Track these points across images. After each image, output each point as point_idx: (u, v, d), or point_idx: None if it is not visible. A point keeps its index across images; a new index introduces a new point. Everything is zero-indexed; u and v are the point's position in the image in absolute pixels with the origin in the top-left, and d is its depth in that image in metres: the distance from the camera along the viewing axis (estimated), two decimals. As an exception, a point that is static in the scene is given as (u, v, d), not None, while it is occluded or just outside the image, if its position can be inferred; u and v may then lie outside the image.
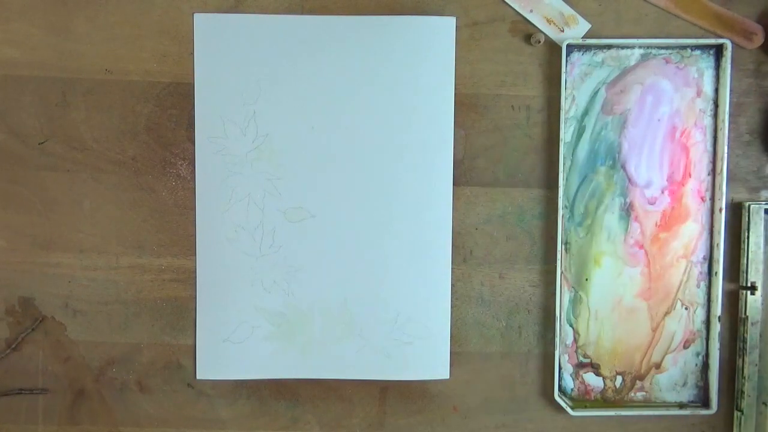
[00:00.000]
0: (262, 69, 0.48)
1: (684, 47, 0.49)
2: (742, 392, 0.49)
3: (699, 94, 0.49)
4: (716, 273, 0.49)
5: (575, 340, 0.50)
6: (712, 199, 0.50)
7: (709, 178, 0.50)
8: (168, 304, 0.50)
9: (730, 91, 0.49)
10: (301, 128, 0.49)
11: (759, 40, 0.49)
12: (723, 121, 0.49)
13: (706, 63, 0.49)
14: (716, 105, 0.49)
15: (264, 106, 0.49)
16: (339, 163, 0.49)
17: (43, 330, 0.50)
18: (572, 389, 0.51)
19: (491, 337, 0.51)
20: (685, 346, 0.50)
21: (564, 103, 0.49)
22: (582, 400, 0.51)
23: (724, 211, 0.49)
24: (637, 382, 0.51)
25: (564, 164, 0.49)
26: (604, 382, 0.51)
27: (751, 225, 0.49)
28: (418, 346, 0.50)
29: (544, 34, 0.49)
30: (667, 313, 0.50)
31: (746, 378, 0.49)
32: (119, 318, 0.50)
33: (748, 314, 0.49)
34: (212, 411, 0.51)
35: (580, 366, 0.51)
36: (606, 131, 0.50)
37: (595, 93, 0.49)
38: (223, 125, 0.49)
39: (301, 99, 0.49)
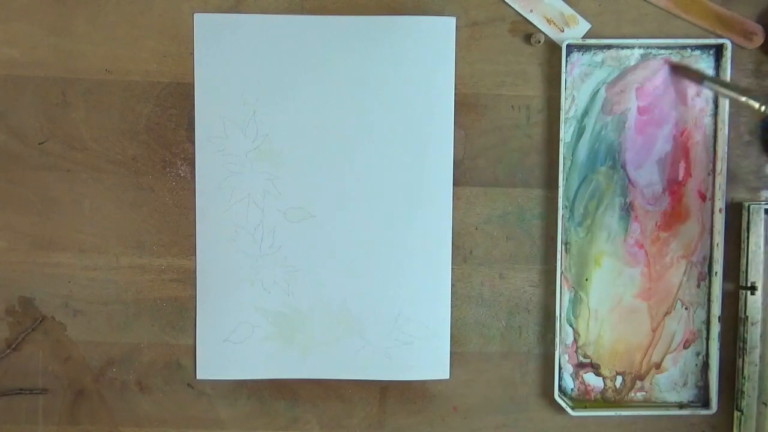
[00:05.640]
0: (262, 69, 0.48)
1: (684, 47, 0.49)
2: (742, 392, 0.49)
3: (699, 94, 0.49)
4: (716, 273, 0.49)
5: (575, 340, 0.50)
6: (712, 199, 0.50)
7: (709, 178, 0.50)
8: (168, 304, 0.50)
9: (730, 91, 0.49)
10: (301, 128, 0.49)
11: (759, 40, 0.49)
12: (723, 121, 0.49)
13: (706, 63, 0.49)
14: (716, 105, 0.49)
15: (264, 106, 0.49)
16: (339, 163, 0.49)
17: (43, 330, 0.50)
18: (572, 389, 0.51)
19: (491, 337, 0.51)
20: (685, 346, 0.50)
21: (564, 103, 0.49)
22: (582, 400, 0.51)
23: (724, 211, 0.49)
24: (637, 382, 0.51)
25: (564, 164, 0.49)
26: (604, 382, 0.51)
27: (751, 225, 0.49)
28: (418, 346, 0.50)
29: (544, 34, 0.49)
30: (667, 313, 0.50)
31: (746, 378, 0.49)
32: (119, 318, 0.50)
33: (748, 314, 0.49)
34: (212, 411, 0.51)
35: (580, 366, 0.51)
36: (606, 131, 0.50)
37: (595, 93, 0.49)
38: (223, 125, 0.49)
39: (301, 99, 0.49)
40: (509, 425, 0.51)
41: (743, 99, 0.41)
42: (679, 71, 0.48)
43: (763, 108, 0.40)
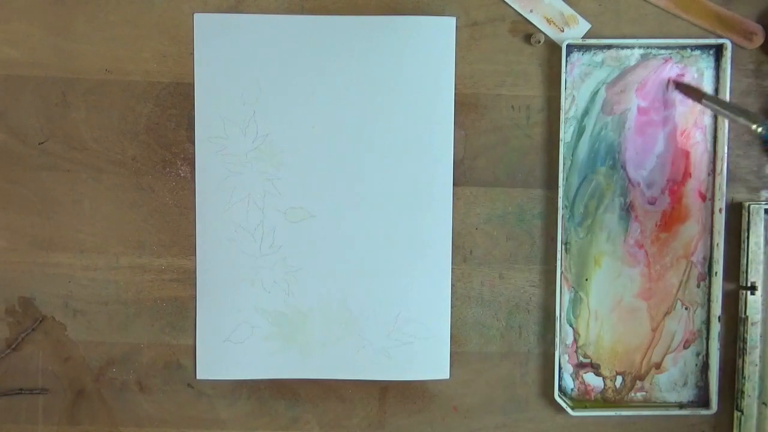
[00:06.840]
0: (262, 69, 0.48)
1: (684, 47, 0.49)
2: (742, 392, 0.49)
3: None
4: (716, 273, 0.49)
5: (575, 340, 0.50)
6: (712, 199, 0.50)
7: (709, 178, 0.50)
8: (168, 304, 0.50)
9: (730, 91, 0.48)
10: (301, 128, 0.49)
11: (759, 40, 0.49)
12: (723, 121, 0.49)
13: (706, 63, 0.49)
14: (716, 105, 0.49)
15: (264, 106, 0.49)
16: (339, 163, 0.49)
17: (43, 330, 0.50)
18: (572, 389, 0.51)
19: (491, 337, 0.51)
20: (685, 346, 0.50)
21: (564, 103, 0.49)
22: (582, 400, 0.51)
23: (724, 211, 0.49)
24: (637, 382, 0.51)
25: (564, 164, 0.49)
26: (604, 382, 0.51)
27: (751, 225, 0.49)
28: (418, 346, 0.50)
29: (544, 34, 0.49)
30: (667, 313, 0.50)
31: (746, 378, 0.49)
32: (119, 318, 0.50)
33: (748, 314, 0.49)
34: (212, 411, 0.51)
35: (580, 366, 0.51)
36: (606, 131, 0.50)
37: (595, 93, 0.49)
38: (223, 125, 0.49)
39: (301, 99, 0.49)
40: (509, 425, 0.51)
41: (741, 120, 0.41)
42: (680, 88, 0.49)
43: (759, 129, 0.40)
